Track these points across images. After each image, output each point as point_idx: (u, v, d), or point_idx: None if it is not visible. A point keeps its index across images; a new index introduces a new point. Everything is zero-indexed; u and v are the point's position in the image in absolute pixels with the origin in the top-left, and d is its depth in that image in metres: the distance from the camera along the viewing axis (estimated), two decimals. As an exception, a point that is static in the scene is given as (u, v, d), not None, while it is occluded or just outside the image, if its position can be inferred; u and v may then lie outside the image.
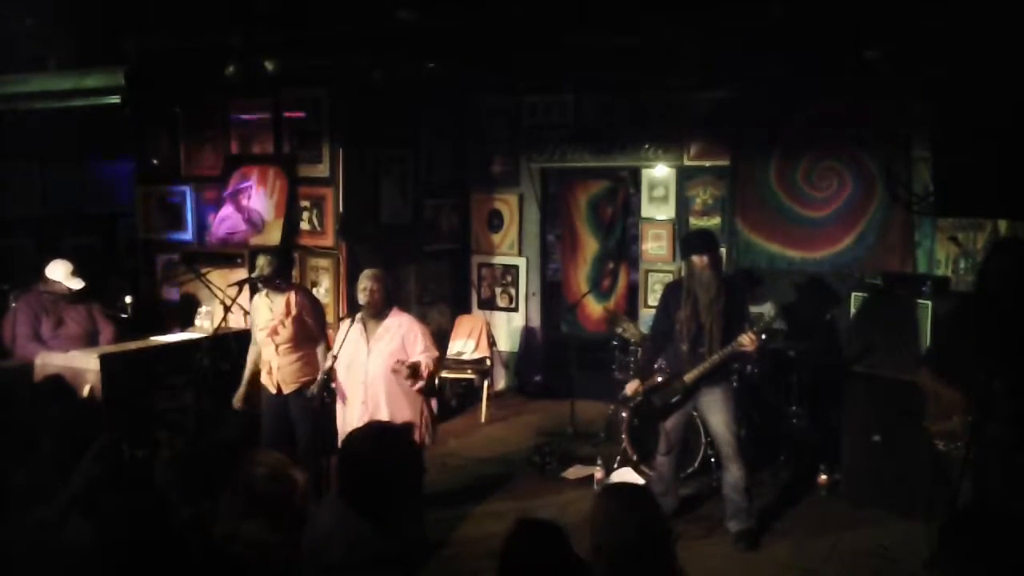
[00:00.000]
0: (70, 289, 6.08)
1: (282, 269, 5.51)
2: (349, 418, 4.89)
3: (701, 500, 5.80)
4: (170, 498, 3.42)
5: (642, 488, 2.89)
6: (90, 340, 6.10)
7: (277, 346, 5.34)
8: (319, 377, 4.97)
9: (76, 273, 6.12)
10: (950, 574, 2.30)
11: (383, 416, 4.79)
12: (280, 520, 2.81)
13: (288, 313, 5.32)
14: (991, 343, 3.91)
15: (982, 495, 3.87)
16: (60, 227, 8.17)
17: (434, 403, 5.05)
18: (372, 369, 4.80)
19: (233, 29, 5.93)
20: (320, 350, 5.42)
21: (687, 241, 5.56)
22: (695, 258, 5.10)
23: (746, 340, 4.95)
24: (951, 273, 6.37)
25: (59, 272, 6.08)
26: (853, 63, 6.00)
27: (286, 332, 5.31)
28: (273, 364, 5.38)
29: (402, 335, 4.84)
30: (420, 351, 4.83)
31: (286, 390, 5.36)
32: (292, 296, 5.38)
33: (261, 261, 5.45)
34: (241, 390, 5.53)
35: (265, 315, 5.41)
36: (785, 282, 7.21)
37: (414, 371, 4.73)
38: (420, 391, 4.86)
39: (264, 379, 5.44)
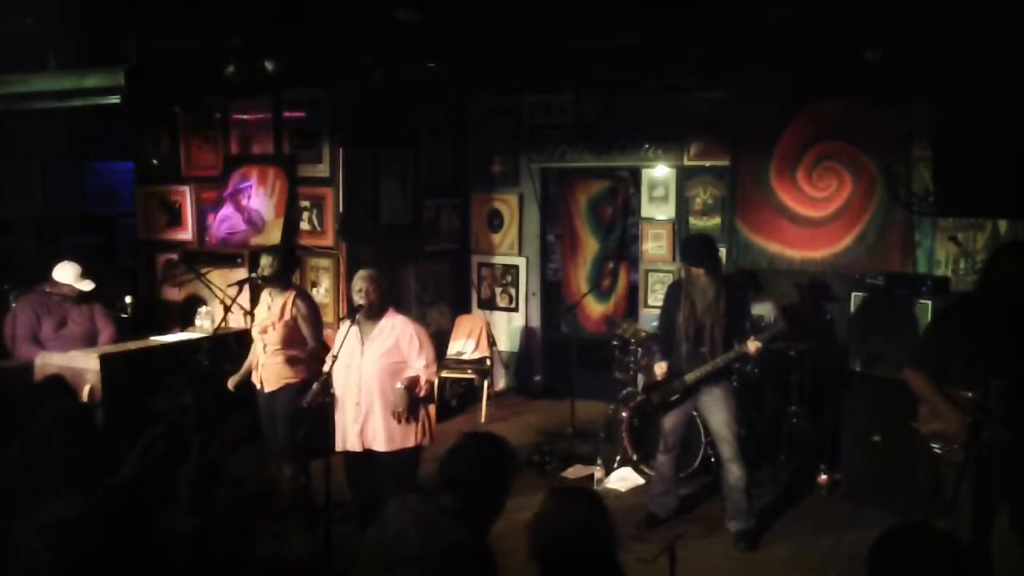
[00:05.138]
0: (79, 291, 6.07)
1: (285, 270, 5.51)
2: (345, 419, 4.87)
3: (701, 500, 5.80)
4: (182, 505, 3.41)
5: (593, 494, 2.95)
6: (90, 341, 6.10)
7: (265, 345, 5.37)
8: (320, 379, 4.96)
9: (85, 274, 6.12)
10: None
11: (377, 416, 4.78)
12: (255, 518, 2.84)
13: (281, 316, 5.34)
14: (991, 344, 3.90)
15: (982, 496, 3.87)
16: (60, 227, 8.18)
17: (431, 408, 5.04)
18: (366, 370, 4.78)
19: (233, 29, 5.92)
20: (309, 352, 5.41)
21: (685, 248, 5.55)
22: (692, 268, 5.13)
23: (751, 347, 4.97)
24: (951, 273, 6.37)
25: (68, 275, 6.06)
26: (853, 63, 5.99)
27: (275, 334, 5.33)
28: (260, 361, 5.43)
29: (396, 336, 4.80)
30: (417, 355, 4.79)
31: (267, 388, 5.41)
32: (290, 299, 5.39)
33: (265, 260, 5.46)
34: (236, 376, 5.56)
35: (263, 313, 5.45)
36: (785, 282, 7.21)
37: (410, 390, 4.74)
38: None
39: (253, 375, 5.47)
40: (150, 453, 3.09)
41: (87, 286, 6.10)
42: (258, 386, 5.45)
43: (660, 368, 5.33)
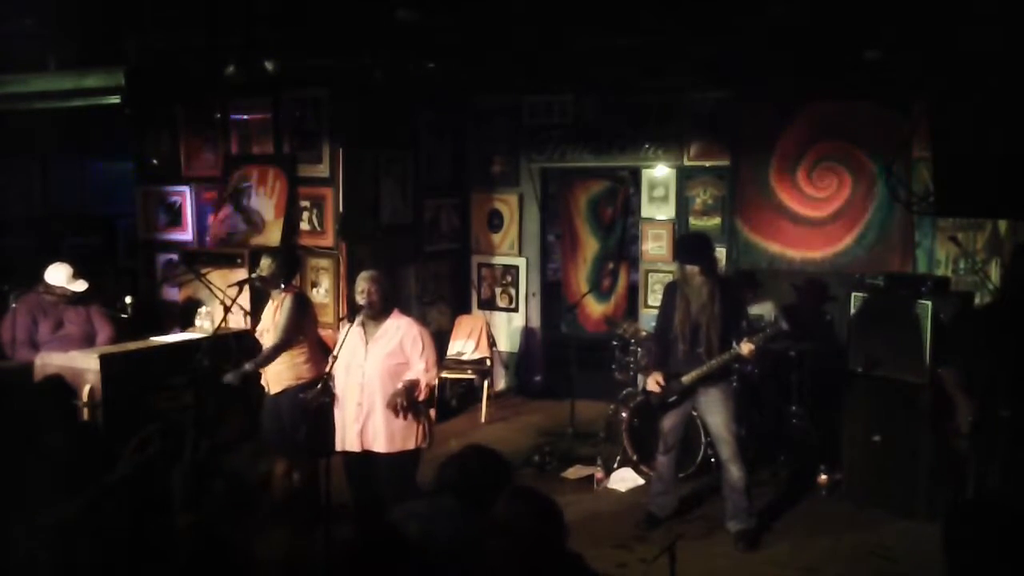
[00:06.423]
0: (73, 292, 6.06)
1: (283, 271, 5.49)
2: (346, 419, 4.87)
3: (701, 500, 5.80)
4: (177, 502, 3.41)
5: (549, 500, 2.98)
6: (88, 342, 6.08)
7: (264, 346, 5.38)
8: (321, 379, 4.95)
9: (78, 275, 6.10)
10: (960, 566, 2.33)
11: (378, 417, 4.77)
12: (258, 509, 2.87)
13: (275, 318, 5.34)
14: (1005, 342, 3.96)
15: (984, 489, 3.91)
16: (60, 227, 8.18)
17: (432, 412, 5.04)
18: (369, 370, 4.78)
19: (233, 29, 5.93)
20: (299, 353, 5.39)
21: (680, 247, 5.53)
22: (687, 267, 5.12)
23: (746, 350, 4.97)
24: (951, 273, 6.37)
25: (60, 276, 6.04)
26: (853, 63, 5.99)
27: (269, 336, 5.32)
28: None
29: (400, 337, 4.80)
30: (419, 357, 4.78)
31: (273, 390, 5.39)
32: (282, 300, 5.38)
33: (264, 261, 5.44)
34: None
35: (267, 315, 5.43)
36: (785, 282, 7.21)
37: (410, 392, 4.73)
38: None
39: (262, 376, 5.46)
40: (145, 451, 3.10)
41: (80, 287, 6.07)
42: (266, 388, 5.43)
43: (654, 379, 5.24)
